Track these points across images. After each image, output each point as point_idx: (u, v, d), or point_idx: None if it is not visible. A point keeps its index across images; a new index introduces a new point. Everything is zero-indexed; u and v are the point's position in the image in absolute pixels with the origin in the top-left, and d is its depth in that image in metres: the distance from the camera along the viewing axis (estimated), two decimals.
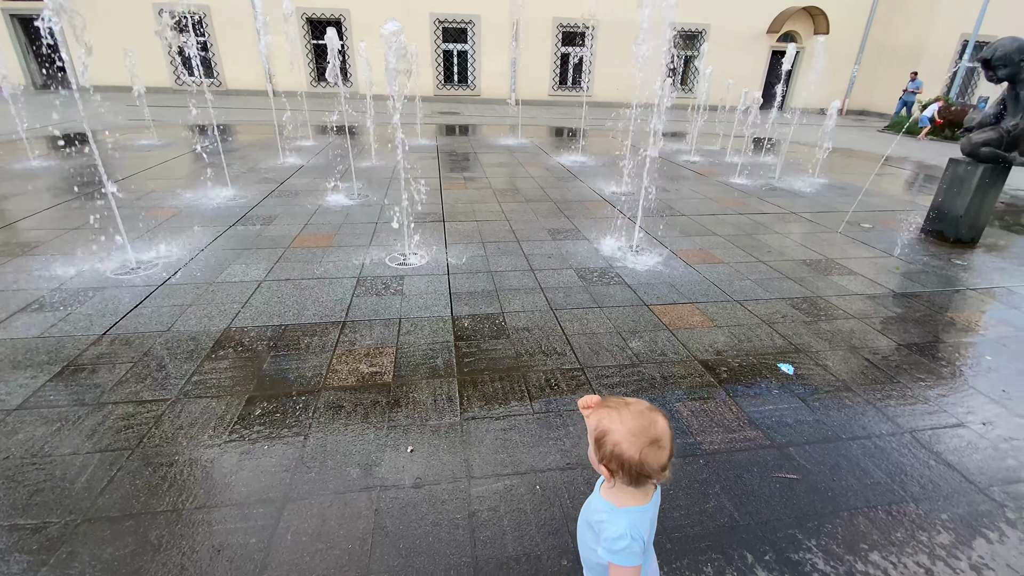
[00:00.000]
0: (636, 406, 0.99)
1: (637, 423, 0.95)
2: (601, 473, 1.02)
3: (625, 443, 0.94)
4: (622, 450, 0.95)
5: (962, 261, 4.74)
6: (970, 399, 2.67)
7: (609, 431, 0.97)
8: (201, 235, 4.62)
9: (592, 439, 1.00)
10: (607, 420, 0.98)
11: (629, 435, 0.94)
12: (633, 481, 0.98)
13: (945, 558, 1.75)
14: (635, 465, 0.94)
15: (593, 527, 1.06)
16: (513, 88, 19.83)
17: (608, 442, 0.96)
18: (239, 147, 9.11)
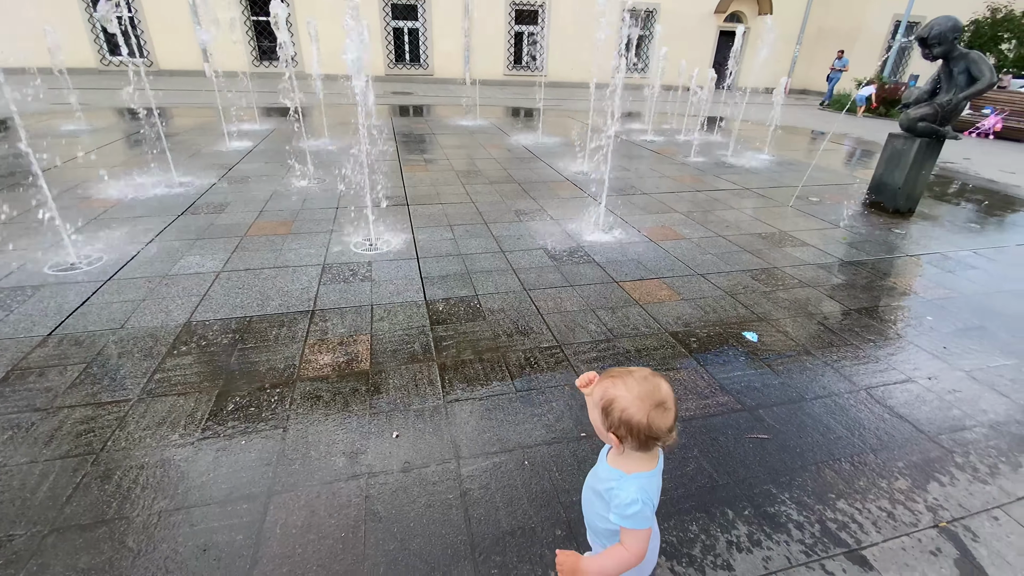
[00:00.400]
0: (639, 372, 1.02)
1: (642, 388, 0.98)
2: (609, 442, 1.05)
3: (632, 408, 0.97)
4: (630, 415, 0.98)
5: (901, 230, 5.08)
6: (915, 356, 2.89)
7: (616, 398, 0.99)
8: (147, 226, 4.33)
9: (599, 409, 1.03)
10: (613, 389, 1.01)
11: (636, 400, 0.97)
12: (641, 446, 1.01)
13: (903, 501, 1.91)
14: (643, 429, 0.97)
15: (603, 495, 1.09)
16: (467, 67, 19.49)
17: (616, 409, 0.99)
18: (179, 131, 8.55)
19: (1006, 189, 7.19)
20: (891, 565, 1.67)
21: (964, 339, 3.11)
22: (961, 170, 8.32)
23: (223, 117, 8.43)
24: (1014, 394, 2.59)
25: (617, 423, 1.00)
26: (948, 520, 1.84)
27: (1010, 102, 11.78)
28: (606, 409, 1.01)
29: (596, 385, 1.06)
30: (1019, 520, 1.86)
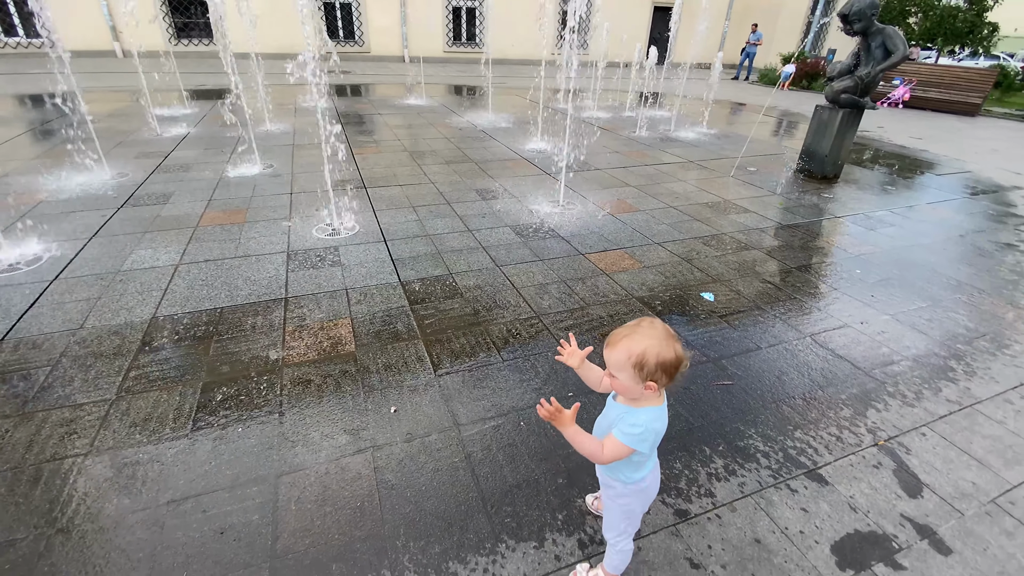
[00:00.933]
0: (642, 322, 1.15)
1: (657, 331, 1.12)
2: (635, 394, 1.17)
3: (663, 350, 1.10)
4: (664, 357, 1.10)
5: (829, 194, 5.57)
6: (848, 305, 3.26)
7: (646, 349, 1.10)
8: (85, 221, 4.05)
9: (631, 368, 1.12)
10: (637, 344, 1.11)
11: (661, 343, 1.11)
12: (670, 382, 1.15)
13: (848, 427, 2.21)
14: (674, 362, 1.11)
15: (615, 423, 1.23)
16: (406, 44, 18.90)
17: (650, 358, 1.10)
18: (98, 118, 7.85)
19: (915, 154, 7.97)
20: (843, 479, 1.95)
21: (887, 288, 3.52)
22: (876, 138, 9.10)
23: (147, 101, 7.82)
24: (931, 331, 3.00)
25: (654, 369, 1.11)
26: (885, 439, 2.16)
27: (917, 73, 12.89)
28: (640, 363, 1.11)
29: (612, 351, 1.15)
30: (941, 434, 2.20)
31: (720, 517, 1.78)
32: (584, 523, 1.74)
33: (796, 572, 1.61)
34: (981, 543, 1.73)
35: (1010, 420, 2.31)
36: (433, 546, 1.65)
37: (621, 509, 1.39)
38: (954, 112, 12.44)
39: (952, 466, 2.04)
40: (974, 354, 2.80)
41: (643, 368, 1.11)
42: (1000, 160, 7.86)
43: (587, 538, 1.69)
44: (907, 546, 1.71)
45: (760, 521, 1.77)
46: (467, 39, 19.94)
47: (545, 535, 1.69)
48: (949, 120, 11.66)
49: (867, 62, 5.21)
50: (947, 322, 3.12)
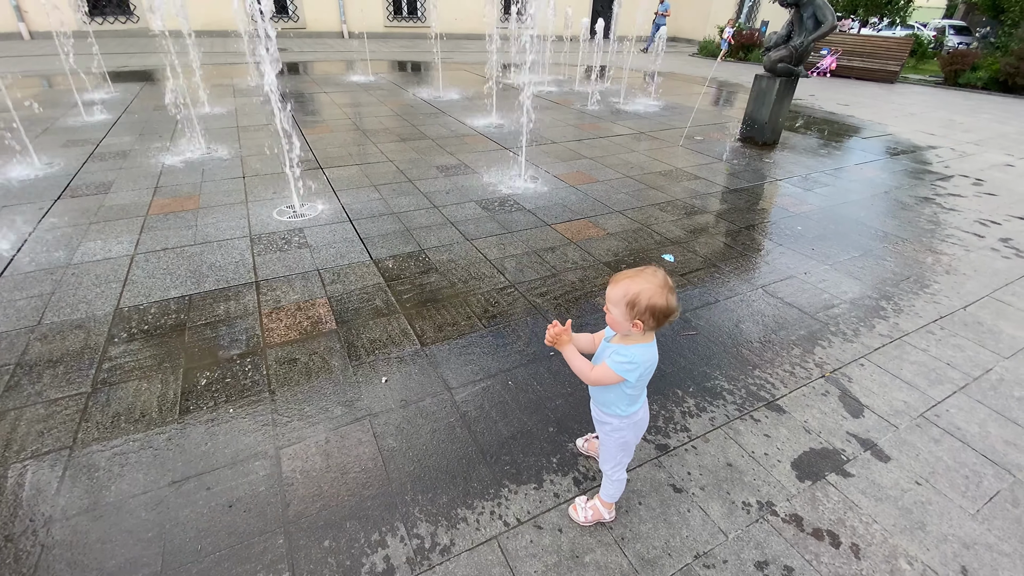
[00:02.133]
0: (646, 271, 1.28)
1: (657, 279, 1.25)
2: (623, 329, 1.31)
3: (657, 296, 1.23)
4: (655, 302, 1.23)
5: (770, 159, 5.93)
6: (792, 258, 3.56)
7: (641, 291, 1.24)
8: (20, 215, 3.78)
9: (624, 304, 1.26)
10: (634, 286, 1.25)
11: (657, 289, 1.24)
12: (658, 325, 1.29)
13: (799, 363, 2.48)
14: (664, 310, 1.25)
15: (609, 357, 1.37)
16: (343, 19, 18.11)
17: (642, 300, 1.24)
18: (15, 106, 7.18)
19: (843, 119, 8.55)
20: (797, 407, 2.20)
21: (825, 241, 3.86)
22: (808, 105, 9.66)
23: (69, 85, 7.21)
24: (863, 277, 3.34)
25: (643, 310, 1.24)
26: (830, 371, 2.43)
27: (842, 44, 13.66)
28: (632, 303, 1.25)
29: (613, 288, 1.29)
30: (876, 364, 2.50)
31: (696, 448, 1.98)
32: (577, 463, 1.90)
33: (764, 487, 1.83)
34: (914, 450, 2.02)
35: (932, 348, 2.65)
36: (440, 497, 1.75)
37: (617, 442, 1.54)
38: (875, 80, 13.33)
39: (887, 389, 2.34)
40: (900, 294, 3.16)
41: (634, 307, 1.25)
42: (916, 123, 8.56)
43: (581, 476, 1.85)
44: (853, 457, 1.97)
45: (730, 448, 1.99)
46: (409, 13, 19.31)
47: (543, 477, 1.84)
48: (871, 87, 12.50)
49: (800, 32, 5.53)
50: (877, 268, 3.48)
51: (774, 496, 1.80)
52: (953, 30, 23.49)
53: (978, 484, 1.88)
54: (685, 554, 1.60)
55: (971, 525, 1.72)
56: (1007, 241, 4.06)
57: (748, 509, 1.75)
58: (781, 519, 1.72)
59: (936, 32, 23.38)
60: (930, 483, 1.88)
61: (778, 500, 1.79)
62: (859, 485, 1.86)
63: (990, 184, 5.51)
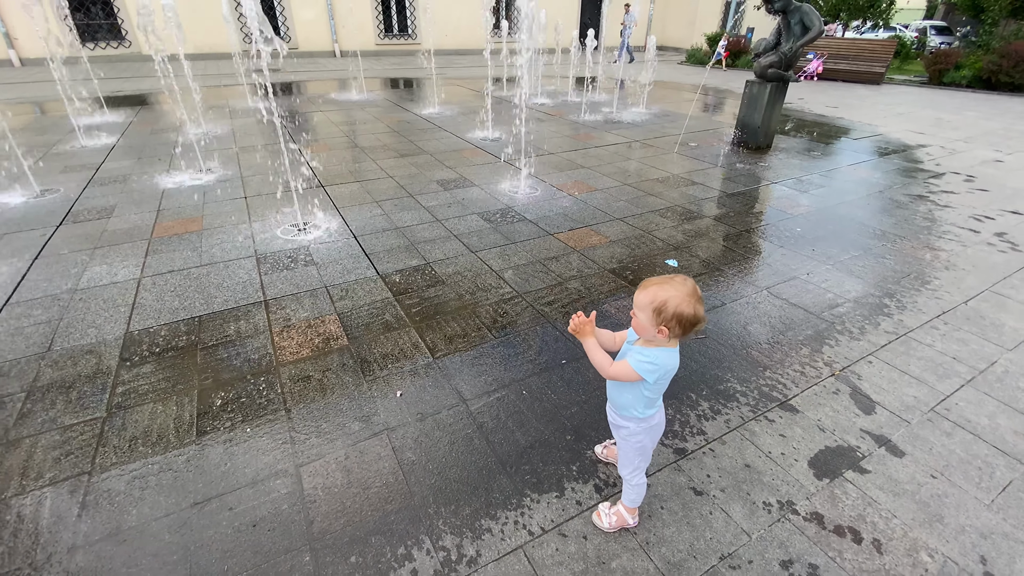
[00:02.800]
0: (675, 279, 1.30)
1: (686, 288, 1.27)
2: (648, 333, 1.33)
3: (684, 304, 1.25)
4: (682, 310, 1.25)
5: (764, 163, 6.01)
6: (793, 259, 3.60)
7: (669, 299, 1.26)
8: (22, 241, 3.79)
9: (651, 310, 1.29)
10: (662, 292, 1.27)
11: (686, 298, 1.26)
12: (683, 334, 1.31)
13: (808, 363, 2.50)
14: (691, 318, 1.26)
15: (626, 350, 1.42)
16: (335, 38, 18.29)
17: (669, 307, 1.26)
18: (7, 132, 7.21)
19: (833, 121, 8.68)
20: (810, 407, 2.22)
21: (824, 241, 3.91)
22: (798, 109, 9.81)
23: (64, 111, 7.25)
24: (865, 275, 3.38)
25: (670, 317, 1.26)
26: (840, 369, 2.46)
27: (827, 47, 13.90)
28: (659, 309, 1.27)
29: (641, 293, 1.32)
30: (884, 360, 2.53)
31: (713, 450, 2.00)
32: (596, 471, 1.91)
33: (783, 486, 1.85)
34: (927, 444, 2.04)
35: (938, 343, 2.69)
36: (463, 508, 1.76)
37: (634, 447, 1.56)
38: (862, 81, 13.55)
39: (896, 385, 2.37)
40: (903, 291, 3.20)
41: (661, 314, 1.27)
42: (905, 122, 8.70)
43: (601, 483, 1.86)
44: (869, 454, 1.99)
45: (747, 449, 2.00)
46: (400, 31, 19.54)
47: (564, 485, 1.85)
48: (858, 89, 12.71)
49: (788, 38, 5.65)
50: (878, 266, 3.52)
51: (794, 495, 1.81)
52: (934, 30, 23.94)
53: (991, 475, 1.90)
54: (710, 556, 1.61)
55: (987, 515, 1.74)
56: (1002, 235, 4.13)
57: (769, 509, 1.76)
58: (802, 518, 1.73)
59: (918, 33, 23.82)
60: (945, 476, 1.90)
61: (798, 499, 1.80)
62: (876, 481, 1.88)
63: (981, 180, 5.60)
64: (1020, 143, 7.36)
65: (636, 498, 1.65)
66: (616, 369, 1.41)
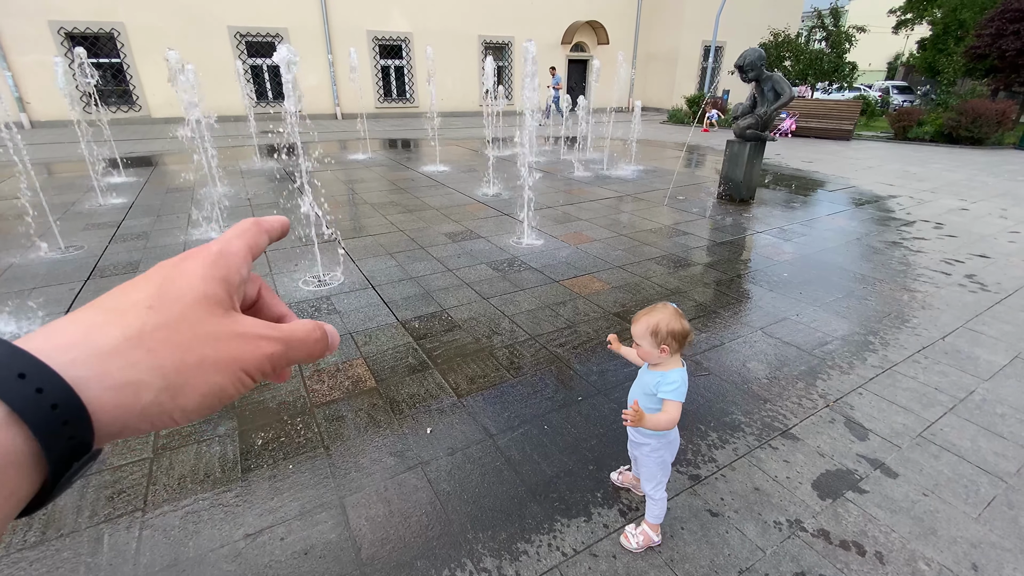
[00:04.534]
0: (657, 306, 1.62)
1: (669, 310, 1.59)
2: (653, 358, 1.59)
3: (673, 322, 1.55)
4: (673, 327, 1.55)
5: (749, 214, 6.44)
6: (783, 302, 3.89)
7: (659, 321, 1.56)
8: (52, 295, 3.97)
9: (648, 335, 1.56)
10: (652, 319, 1.57)
11: (671, 318, 1.56)
12: (680, 347, 1.58)
13: (805, 395, 2.72)
14: (682, 332, 1.56)
15: (652, 388, 1.62)
16: (337, 101, 19.30)
17: (662, 328, 1.55)
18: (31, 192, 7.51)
19: (809, 175, 9.30)
20: (809, 434, 2.42)
21: (810, 285, 4.21)
22: (776, 164, 10.48)
23: (79, 171, 7.60)
24: (850, 315, 3.66)
25: (665, 336, 1.55)
26: (834, 400, 2.67)
27: (799, 107, 14.97)
28: (655, 332, 1.56)
29: (636, 325, 1.60)
30: (873, 392, 2.76)
31: (724, 476, 2.17)
32: (620, 497, 2.07)
33: (791, 507, 2.02)
34: (917, 466, 2.24)
35: (920, 375, 2.92)
36: (499, 533, 1.90)
37: (656, 462, 1.75)
38: (832, 138, 14.51)
39: (885, 414, 2.58)
40: (885, 329, 3.47)
41: (657, 335, 1.56)
42: (875, 175, 9.34)
43: (626, 507, 2.01)
44: (866, 476, 2.18)
45: (755, 474, 2.18)
46: (398, 95, 20.68)
47: (591, 510, 2.00)
48: (829, 144, 13.60)
49: (762, 103, 6.23)
50: (860, 307, 3.81)
51: (801, 514, 1.98)
52: (896, 90, 25.82)
53: (976, 492, 2.09)
54: (730, 570, 1.76)
55: (975, 527, 1.91)
56: (972, 277, 4.47)
57: (780, 527, 1.93)
58: (810, 534, 1.90)
59: (881, 92, 25.66)
60: (935, 494, 2.08)
61: (805, 517, 1.97)
62: (874, 500, 2.05)
63: (949, 227, 6.04)
64: (982, 192, 7.94)
65: (659, 513, 1.81)
66: (673, 412, 1.58)
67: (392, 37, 19.53)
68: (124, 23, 15.49)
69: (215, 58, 16.80)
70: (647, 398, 1.67)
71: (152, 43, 15.92)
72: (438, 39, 19.80)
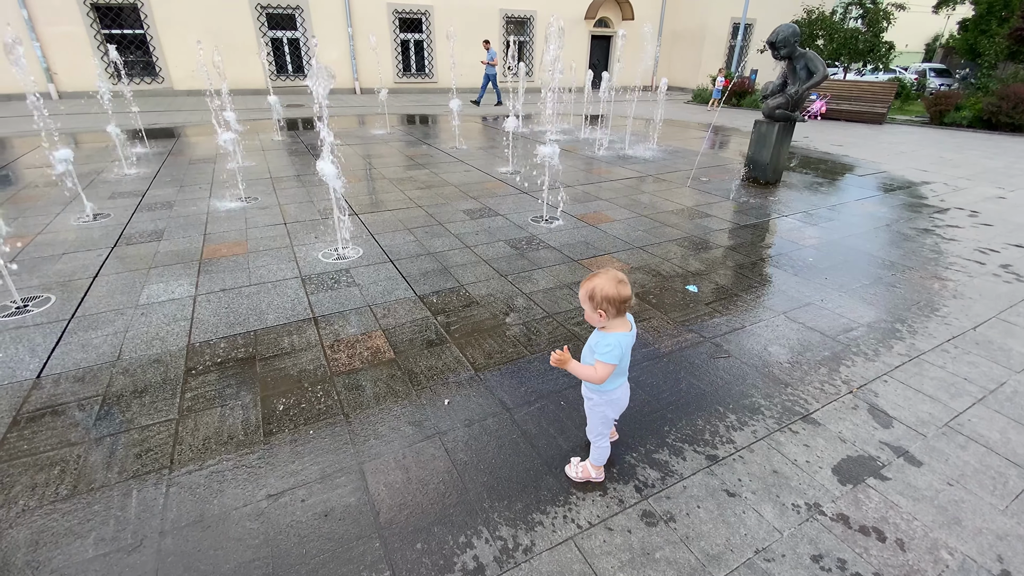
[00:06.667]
0: (602, 270, 1.68)
1: (610, 274, 1.66)
2: (596, 321, 1.70)
3: (607, 287, 1.62)
4: (607, 292, 1.62)
5: (774, 197, 6.28)
6: (807, 287, 3.80)
7: (595, 286, 1.64)
8: (81, 261, 4.06)
9: (587, 299, 1.66)
10: (591, 282, 1.66)
11: (607, 284, 1.63)
12: (618, 312, 1.66)
13: (827, 381, 2.67)
14: (616, 297, 1.62)
15: (592, 347, 1.77)
16: (356, 76, 19.17)
17: (597, 292, 1.63)
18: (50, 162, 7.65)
19: (839, 159, 9.01)
20: (831, 420, 2.38)
21: (836, 271, 4.11)
22: (804, 147, 10.17)
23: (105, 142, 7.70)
24: (877, 302, 3.57)
25: (600, 301, 1.62)
26: (857, 387, 2.62)
27: (830, 88, 14.44)
28: (591, 296, 1.63)
29: (580, 289, 1.71)
30: (899, 380, 2.70)
31: (743, 457, 2.16)
32: (635, 473, 2.07)
33: (810, 490, 1.99)
34: (943, 455, 2.19)
35: (949, 364, 2.85)
36: (515, 503, 1.92)
37: (599, 416, 1.91)
38: (864, 121, 14.00)
39: (911, 402, 2.52)
40: (913, 317, 3.38)
41: (592, 299, 1.65)
42: (908, 160, 9.01)
43: (641, 484, 2.01)
44: (888, 463, 2.14)
45: (774, 457, 2.16)
46: (417, 70, 20.44)
47: (607, 485, 2.00)
48: (861, 128, 13.13)
49: (794, 81, 6.01)
50: (888, 294, 3.71)
51: (820, 498, 1.96)
52: (933, 73, 24.71)
53: (1004, 484, 2.04)
54: (746, 550, 1.75)
55: (1002, 519, 1.87)
56: (1007, 267, 4.31)
57: (798, 510, 1.91)
58: (829, 518, 1.88)
59: (917, 75, 24.60)
60: (961, 484, 2.04)
61: (824, 501, 1.95)
62: (896, 487, 2.02)
63: (985, 215, 5.82)
64: (1022, 180, 7.61)
65: (600, 458, 1.98)
66: (600, 372, 1.71)
67: (412, 10, 19.22)
68: None
69: (236, 31, 16.76)
70: (588, 351, 1.80)
71: (175, 15, 15.93)
72: (459, 13, 19.46)
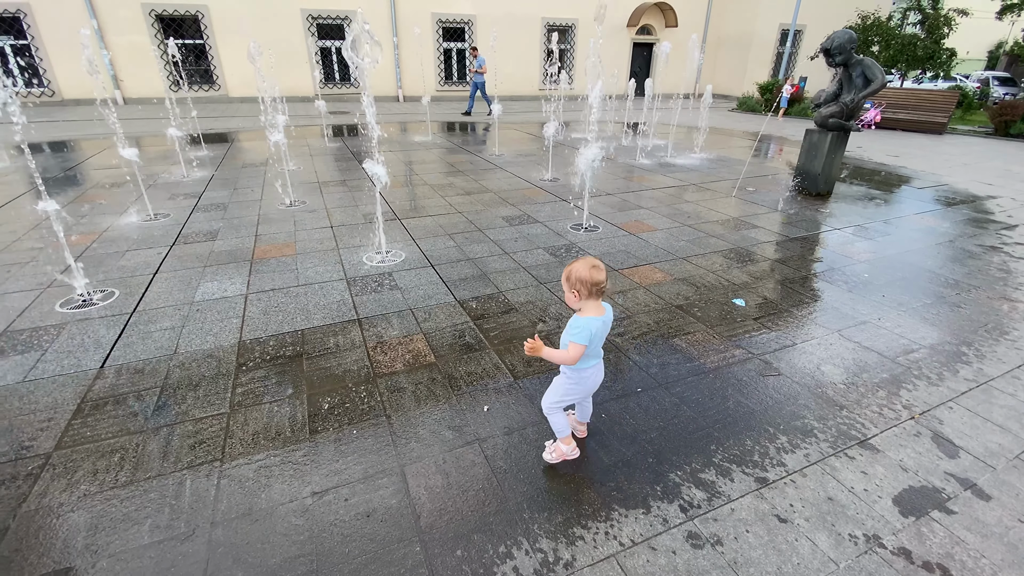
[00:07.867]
0: (581, 257, 1.88)
1: (584, 261, 1.82)
2: (571, 301, 1.85)
3: (581, 270, 1.79)
4: (580, 274, 1.78)
5: (826, 209, 6.03)
6: (864, 304, 3.62)
7: (572, 269, 1.82)
8: (142, 258, 4.29)
9: (564, 280, 1.84)
10: (570, 266, 1.83)
11: (581, 267, 1.80)
12: (591, 295, 1.81)
13: (886, 405, 2.53)
14: (588, 279, 1.78)
15: (567, 328, 1.90)
16: (399, 85, 19.64)
17: (573, 273, 1.80)
18: (120, 164, 8.14)
19: (895, 170, 8.59)
20: (891, 447, 2.25)
21: (894, 288, 3.90)
22: (857, 157, 9.75)
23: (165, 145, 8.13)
24: (939, 323, 3.36)
25: (574, 281, 1.80)
26: (919, 413, 2.47)
27: (885, 96, 13.81)
28: (568, 278, 1.82)
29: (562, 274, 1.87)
30: (966, 407, 2.53)
31: (794, 482, 2.06)
32: (680, 492, 2.01)
33: (868, 521, 1.89)
34: (1013, 490, 2.03)
35: (1021, 392, 2.65)
36: (556, 516, 1.89)
37: (563, 387, 2.02)
38: (922, 131, 13.31)
39: (979, 431, 2.36)
40: (980, 341, 3.16)
41: (568, 280, 1.83)
42: (972, 173, 8.50)
43: (686, 504, 1.95)
44: (954, 496, 2.00)
45: (829, 483, 2.05)
46: (459, 78, 20.77)
47: (650, 503, 1.95)
48: (919, 138, 12.49)
49: (849, 89, 5.77)
50: (952, 315, 3.49)
51: (880, 530, 1.85)
52: (997, 81, 23.31)
53: None
54: None
55: None
56: None
57: (855, 541, 1.81)
58: (890, 551, 1.77)
59: (980, 84, 23.24)
60: None
61: (884, 533, 1.83)
62: (963, 522, 1.89)
63: None
64: None
65: (559, 429, 2.08)
66: (572, 352, 1.85)
67: (456, 20, 19.57)
68: (208, 5, 16.35)
69: (288, 40, 17.47)
70: (565, 332, 1.92)
71: (232, 25, 16.74)
72: (501, 21, 19.68)
